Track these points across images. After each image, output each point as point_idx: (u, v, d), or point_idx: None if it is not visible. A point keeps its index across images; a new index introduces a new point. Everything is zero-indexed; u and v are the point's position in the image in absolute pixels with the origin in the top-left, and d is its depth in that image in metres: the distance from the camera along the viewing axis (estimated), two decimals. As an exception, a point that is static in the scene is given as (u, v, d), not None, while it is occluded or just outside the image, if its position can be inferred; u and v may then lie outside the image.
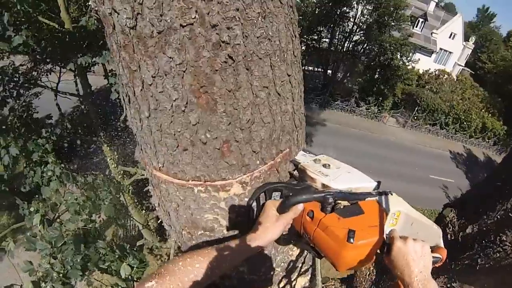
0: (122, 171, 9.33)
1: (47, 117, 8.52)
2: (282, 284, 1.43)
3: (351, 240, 0.84)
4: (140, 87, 0.89)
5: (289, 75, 1.02)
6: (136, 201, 10.10)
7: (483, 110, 25.64)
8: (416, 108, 23.98)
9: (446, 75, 27.28)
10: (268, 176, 1.09)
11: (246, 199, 1.09)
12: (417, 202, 16.32)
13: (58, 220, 4.73)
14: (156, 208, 1.34)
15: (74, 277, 3.97)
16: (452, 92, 26.16)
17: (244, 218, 1.12)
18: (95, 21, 5.95)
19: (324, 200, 0.95)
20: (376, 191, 1.04)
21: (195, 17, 0.74)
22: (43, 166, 5.32)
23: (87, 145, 10.66)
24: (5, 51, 5.73)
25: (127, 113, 1.07)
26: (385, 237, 0.94)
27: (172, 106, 0.88)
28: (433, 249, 1.00)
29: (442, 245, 1.07)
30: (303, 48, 23.72)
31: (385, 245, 0.94)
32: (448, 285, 2.12)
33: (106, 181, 5.04)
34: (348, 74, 25.60)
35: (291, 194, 1.04)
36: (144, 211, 10.71)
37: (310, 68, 26.04)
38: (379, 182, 1.07)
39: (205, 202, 1.09)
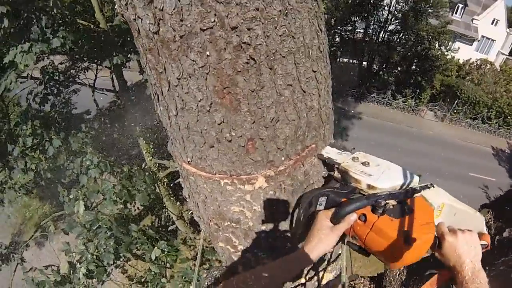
0: (157, 164, 9.64)
1: (86, 113, 9.00)
2: (309, 276, 1.44)
3: (409, 242, 0.87)
4: (167, 88, 0.93)
5: (314, 71, 1.01)
6: (170, 193, 10.39)
7: (529, 104, 23.72)
8: (456, 101, 22.59)
9: (488, 65, 25.43)
10: (293, 170, 1.11)
11: (271, 192, 1.11)
12: (455, 201, 15.55)
13: (95, 207, 5.02)
14: (187, 200, 1.40)
15: (107, 260, 4.24)
16: (495, 83, 24.34)
17: (268, 212, 1.14)
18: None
19: (376, 204, 0.94)
20: (419, 186, 1.05)
21: (214, 20, 0.75)
22: (81, 157, 5.62)
23: (123, 139, 11.09)
24: (45, 52, 6.09)
25: (158, 110, 1.12)
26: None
27: (197, 106, 0.92)
28: (478, 236, 1.00)
29: (485, 231, 1.07)
30: (337, 39, 23.13)
31: (435, 239, 0.94)
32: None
33: (141, 171, 5.26)
34: (384, 66, 24.65)
35: (338, 199, 1.04)
36: (178, 203, 11.02)
37: (345, 60, 25.35)
38: (419, 176, 1.07)
39: (231, 194, 1.13)
